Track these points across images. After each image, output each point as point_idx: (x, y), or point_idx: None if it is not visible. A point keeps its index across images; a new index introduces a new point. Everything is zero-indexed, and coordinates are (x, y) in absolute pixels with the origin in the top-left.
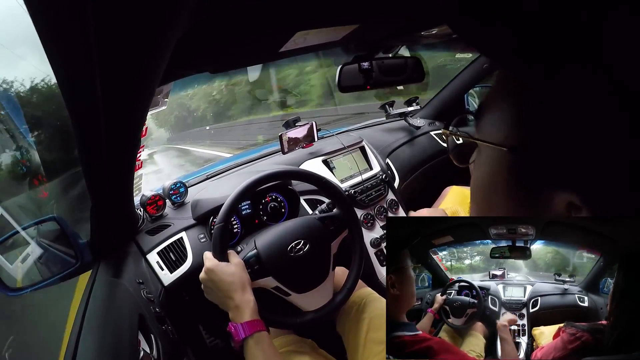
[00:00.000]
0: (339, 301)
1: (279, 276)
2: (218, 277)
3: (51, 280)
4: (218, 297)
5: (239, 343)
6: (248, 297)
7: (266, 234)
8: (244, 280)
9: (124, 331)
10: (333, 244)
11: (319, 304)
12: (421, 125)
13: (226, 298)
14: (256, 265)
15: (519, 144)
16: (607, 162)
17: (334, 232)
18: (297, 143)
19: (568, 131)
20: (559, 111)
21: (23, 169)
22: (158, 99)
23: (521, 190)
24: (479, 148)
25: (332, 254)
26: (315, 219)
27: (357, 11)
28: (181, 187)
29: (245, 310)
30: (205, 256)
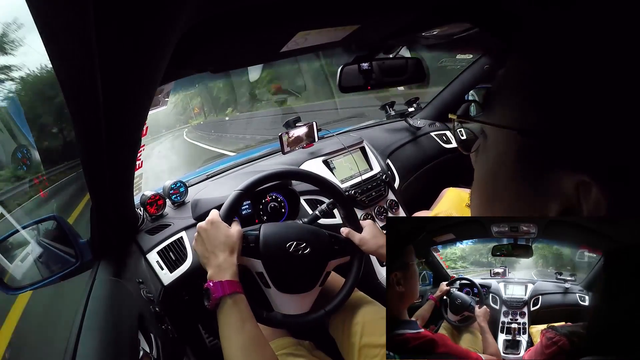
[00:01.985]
0: (312, 320)
1: (268, 264)
2: (214, 230)
3: (51, 279)
4: (204, 250)
5: (215, 301)
6: (232, 261)
7: (274, 225)
8: (236, 247)
9: (124, 331)
10: (331, 262)
11: (292, 310)
12: (422, 125)
13: (212, 253)
14: (252, 244)
15: (529, 126)
16: (618, 138)
17: (336, 252)
18: (297, 143)
19: (578, 110)
20: (569, 88)
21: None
22: (159, 98)
23: (530, 172)
24: (484, 133)
25: (326, 271)
26: (325, 233)
27: (358, 11)
28: (181, 186)
29: (227, 271)
30: (212, 212)
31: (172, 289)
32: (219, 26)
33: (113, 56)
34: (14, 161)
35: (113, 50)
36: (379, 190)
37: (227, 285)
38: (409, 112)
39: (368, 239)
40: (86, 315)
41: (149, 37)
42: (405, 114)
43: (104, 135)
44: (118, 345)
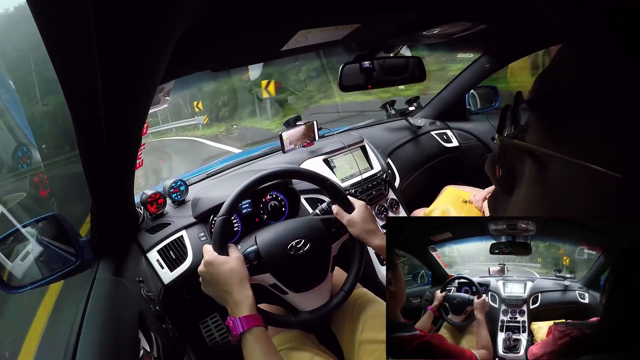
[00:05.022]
0: (336, 303)
1: (278, 274)
2: (217, 270)
3: (51, 278)
4: (216, 291)
5: (236, 337)
6: (246, 292)
7: (267, 231)
8: (243, 275)
9: (124, 330)
10: (333, 246)
11: (315, 304)
12: (422, 124)
13: (224, 292)
14: (255, 261)
15: (635, 169)
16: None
17: (335, 235)
18: (297, 142)
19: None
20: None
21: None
22: (159, 97)
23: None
24: (540, 161)
25: (332, 255)
26: (318, 220)
27: (358, 10)
28: (181, 185)
29: (243, 305)
30: (205, 249)
31: (172, 288)
32: (220, 24)
33: (113, 55)
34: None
35: (113, 49)
36: (380, 189)
37: (245, 322)
38: (409, 111)
39: (356, 221)
40: (86, 314)
41: (148, 36)
42: (406, 112)
43: (104, 134)
44: (118, 345)
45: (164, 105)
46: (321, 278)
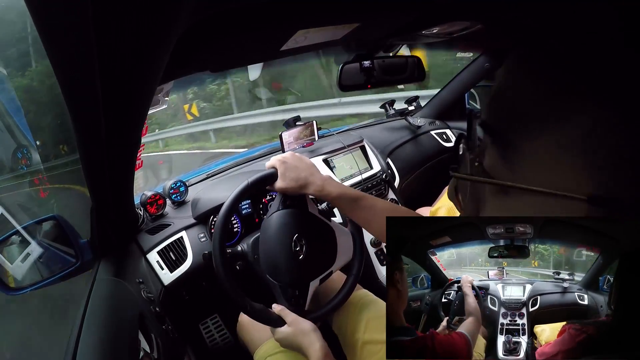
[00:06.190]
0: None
1: (299, 288)
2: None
3: (51, 280)
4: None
5: None
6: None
7: (264, 242)
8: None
9: (124, 331)
10: (331, 222)
11: (333, 291)
12: (422, 124)
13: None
14: (274, 288)
15: (598, 193)
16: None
17: (323, 212)
18: (297, 142)
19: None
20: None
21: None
22: (158, 97)
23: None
24: (499, 188)
25: (331, 229)
26: (298, 213)
27: (357, 10)
28: (181, 186)
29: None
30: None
31: (172, 289)
32: (219, 25)
33: (112, 56)
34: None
35: (112, 50)
36: (379, 189)
37: None
38: (408, 111)
39: (282, 180)
40: (86, 315)
41: (148, 36)
42: (405, 112)
43: (103, 134)
44: (118, 346)
45: (163, 105)
46: (331, 260)
